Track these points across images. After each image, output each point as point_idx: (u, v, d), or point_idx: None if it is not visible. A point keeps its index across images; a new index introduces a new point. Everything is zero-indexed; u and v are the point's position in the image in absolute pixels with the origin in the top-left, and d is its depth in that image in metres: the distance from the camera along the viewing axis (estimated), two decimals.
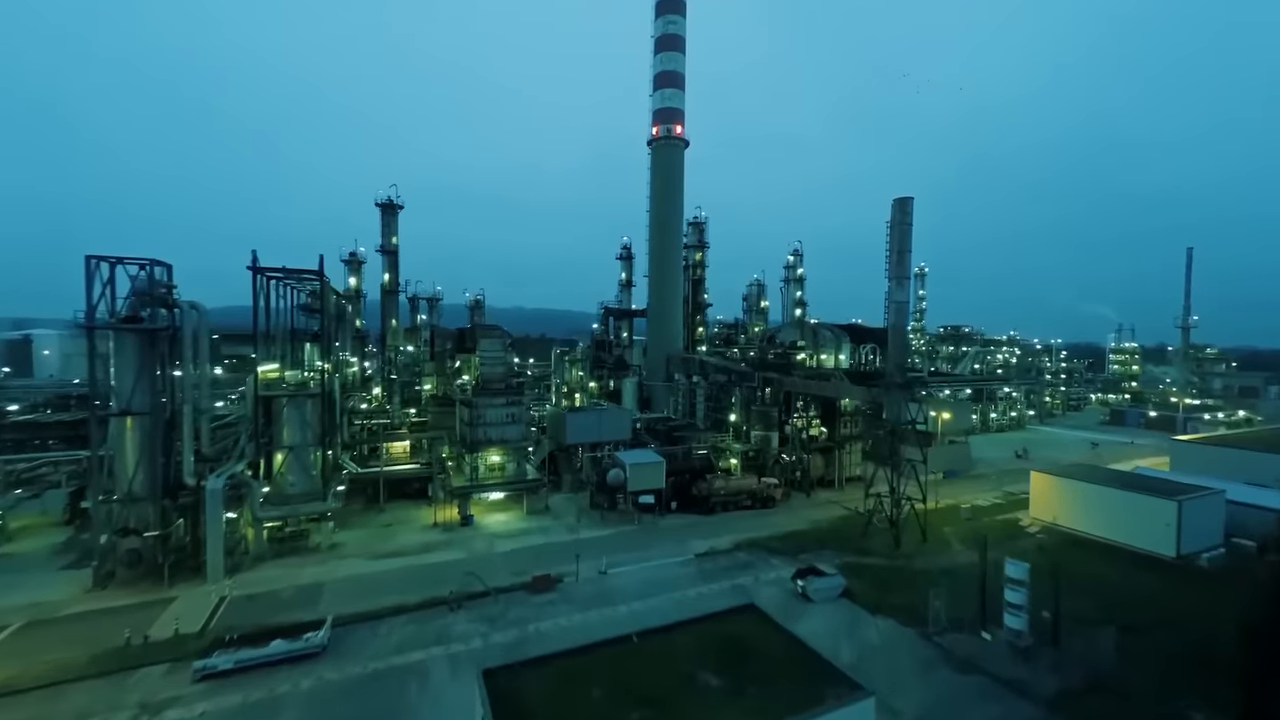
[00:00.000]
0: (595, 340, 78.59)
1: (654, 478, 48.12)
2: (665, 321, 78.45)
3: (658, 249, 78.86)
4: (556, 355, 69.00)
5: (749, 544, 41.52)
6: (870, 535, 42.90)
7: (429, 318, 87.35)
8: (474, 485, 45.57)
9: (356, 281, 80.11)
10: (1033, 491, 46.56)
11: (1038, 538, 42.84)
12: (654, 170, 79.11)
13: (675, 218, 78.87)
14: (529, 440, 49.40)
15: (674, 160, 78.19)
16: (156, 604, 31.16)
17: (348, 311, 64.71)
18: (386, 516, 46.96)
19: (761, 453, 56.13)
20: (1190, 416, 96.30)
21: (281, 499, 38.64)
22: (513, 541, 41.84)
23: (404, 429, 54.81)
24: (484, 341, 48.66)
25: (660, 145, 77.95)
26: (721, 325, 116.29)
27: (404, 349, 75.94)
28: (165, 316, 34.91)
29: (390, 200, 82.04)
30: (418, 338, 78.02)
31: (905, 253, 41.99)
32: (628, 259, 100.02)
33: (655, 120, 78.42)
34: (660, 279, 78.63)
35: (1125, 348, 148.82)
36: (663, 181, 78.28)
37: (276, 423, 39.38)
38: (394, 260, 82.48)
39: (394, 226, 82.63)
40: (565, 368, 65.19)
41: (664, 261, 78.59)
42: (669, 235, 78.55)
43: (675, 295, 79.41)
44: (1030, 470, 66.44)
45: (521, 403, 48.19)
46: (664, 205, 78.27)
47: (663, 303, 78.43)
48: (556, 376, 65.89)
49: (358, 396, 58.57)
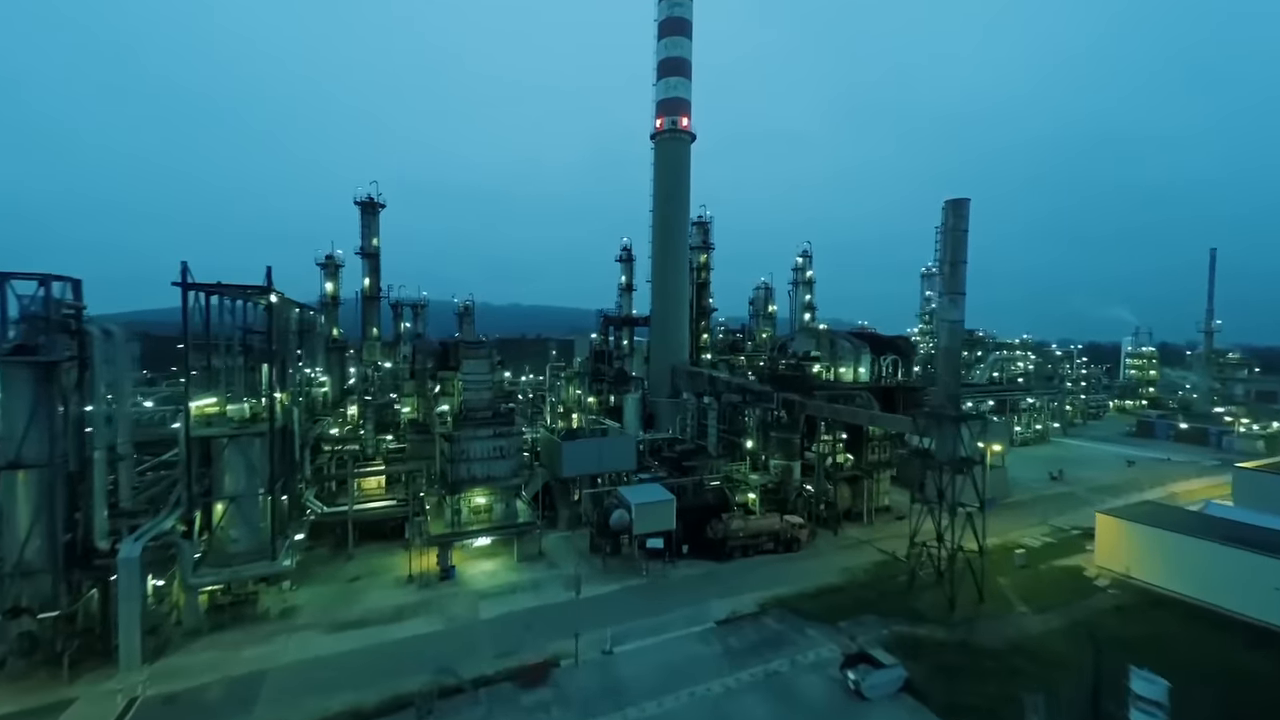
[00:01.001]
0: (594, 351, 72.32)
1: (663, 518, 42.00)
2: (670, 331, 72.19)
3: (661, 252, 72.53)
4: (551, 371, 62.54)
5: (776, 604, 35.47)
6: (916, 590, 36.96)
7: (413, 325, 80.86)
8: (455, 533, 39.29)
9: (334, 287, 73.58)
10: (1099, 536, 40.63)
11: (1109, 593, 36.98)
12: (658, 166, 72.71)
13: (680, 218, 72.55)
14: (520, 477, 43.07)
15: (679, 156, 71.83)
16: (47, 710, 24.83)
17: (318, 323, 58.22)
18: (355, 566, 40.64)
19: (782, 485, 49.97)
20: (1225, 430, 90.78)
21: (222, 559, 32.30)
22: (500, 603, 35.60)
23: (379, 459, 48.43)
24: (467, 363, 42.31)
25: (664, 139, 71.54)
26: (726, 331, 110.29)
27: (381, 365, 69.33)
28: (69, 344, 28.44)
29: (371, 199, 75.46)
30: (396, 353, 71.50)
31: (960, 264, 35.89)
32: (628, 261, 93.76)
33: (659, 111, 71.98)
34: (664, 284, 72.34)
35: (1143, 351, 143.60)
36: (667, 179, 71.91)
37: (216, 468, 33.00)
38: (375, 264, 75.92)
39: (375, 227, 76.04)
40: (561, 385, 58.82)
41: (668, 266, 72.28)
42: (674, 238, 72.22)
43: (681, 302, 73.15)
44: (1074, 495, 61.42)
45: (511, 434, 41.89)
46: (668, 205, 71.91)
47: (667, 310, 72.16)
48: (552, 395, 59.56)
49: (328, 421, 52.13)
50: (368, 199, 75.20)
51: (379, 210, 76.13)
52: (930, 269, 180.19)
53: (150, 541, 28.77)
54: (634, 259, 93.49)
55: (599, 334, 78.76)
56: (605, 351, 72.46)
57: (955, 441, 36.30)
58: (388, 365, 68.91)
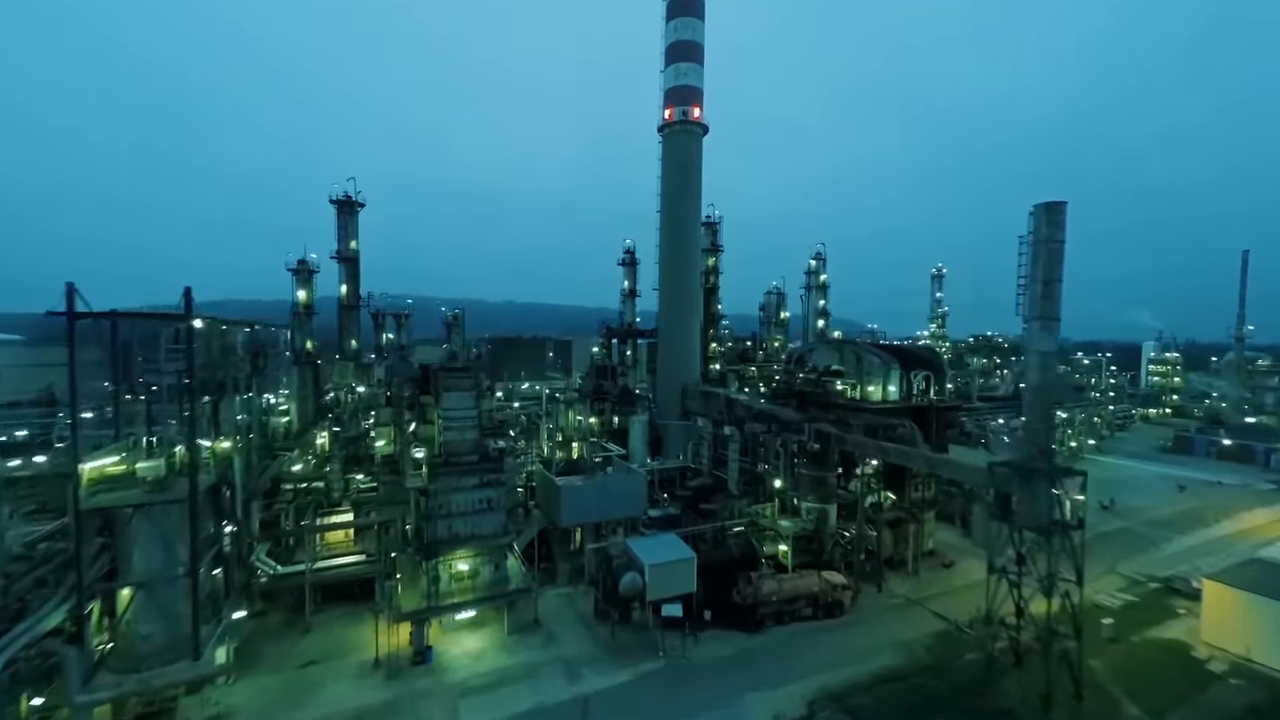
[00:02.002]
0: (595, 366, 65.30)
1: (682, 580, 35.23)
2: (680, 344, 65.24)
3: (670, 257, 65.54)
4: (548, 396, 55.44)
5: (827, 700, 28.80)
6: (994, 678, 30.32)
7: (397, 336, 73.70)
8: (432, 608, 32.33)
9: (307, 295, 66.25)
10: (1208, 606, 33.96)
11: (1232, 684, 30.36)
12: (666, 162, 65.65)
13: (691, 219, 65.53)
14: (510, 534, 36.05)
15: (690, 150, 64.77)
16: None
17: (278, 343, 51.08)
18: (312, 643, 33.67)
19: (817, 531, 43.10)
20: (1273, 448, 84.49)
21: (129, 663, 25.28)
22: (486, 701, 28.73)
23: (346, 504, 41.32)
24: (448, 396, 35.26)
25: (674, 132, 64.45)
26: (735, 339, 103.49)
27: (355, 389, 62.13)
28: None
29: (348, 197, 68.13)
30: (370, 376, 64.30)
31: (1054, 283, 29.09)
32: (631, 265, 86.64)
33: (668, 101, 64.89)
34: (674, 293, 65.37)
35: (1167, 358, 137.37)
36: (676, 175, 64.87)
37: (122, 543, 25.91)
38: (353, 269, 68.63)
39: (353, 228, 68.72)
40: (559, 410, 51.85)
41: (679, 272, 65.29)
42: (684, 241, 65.22)
43: (692, 313, 66.18)
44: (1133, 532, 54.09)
45: (501, 481, 34.92)
46: (678, 204, 64.89)
47: (677, 322, 65.20)
48: (549, 421, 52.59)
49: (289, 457, 44.99)
50: (344, 197, 67.87)
51: (358, 210, 68.86)
52: (941, 269, 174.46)
53: (22, 651, 21.79)
54: (638, 263, 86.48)
55: (600, 347, 71.84)
56: (607, 366, 65.51)
57: (1048, 502, 29.55)
58: (361, 389, 61.65)
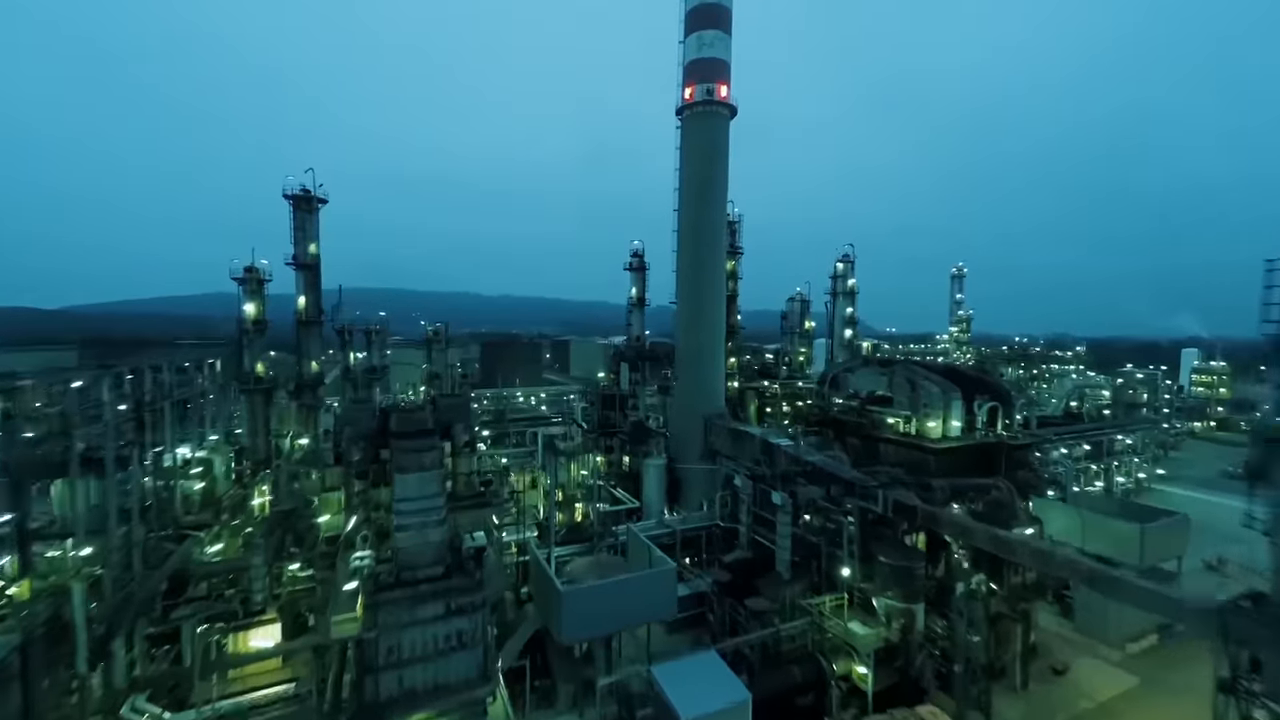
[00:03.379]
0: (601, 394, 54.76)
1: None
2: (701, 368, 54.67)
3: (692, 265, 54.88)
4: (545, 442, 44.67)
5: None
6: None
7: (369, 356, 62.83)
8: None
9: (256, 308, 55.40)
10: None
11: None
12: (686, 151, 54.86)
13: (716, 220, 54.84)
14: (491, 679, 25.46)
15: (715, 136, 53.99)
16: None
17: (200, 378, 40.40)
18: None
19: (904, 640, 32.64)
20: None
21: None
22: None
23: (273, 609, 30.68)
24: (402, 480, 24.63)
25: (696, 115, 53.63)
26: (754, 351, 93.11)
27: (298, 443, 51.31)
28: None
29: (306, 191, 57.26)
30: (315, 425, 53.45)
31: None
32: (639, 270, 75.84)
33: (688, 77, 54.04)
34: (694, 307, 54.78)
35: (1213, 367, 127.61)
36: (698, 167, 54.13)
37: None
38: (313, 277, 57.79)
39: (312, 229, 57.79)
40: (558, 466, 41.23)
41: (701, 283, 54.66)
42: (708, 246, 54.55)
43: (716, 331, 55.56)
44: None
45: (477, 605, 24.40)
46: (701, 201, 54.21)
47: (698, 341, 54.63)
48: (546, 474, 42.09)
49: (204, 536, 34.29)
50: (301, 192, 56.97)
51: (318, 206, 57.93)
52: (961, 269, 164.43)
53: None
54: (647, 267, 75.75)
55: (608, 371, 61.32)
56: (616, 396, 54.92)
57: None
58: (303, 442, 50.91)
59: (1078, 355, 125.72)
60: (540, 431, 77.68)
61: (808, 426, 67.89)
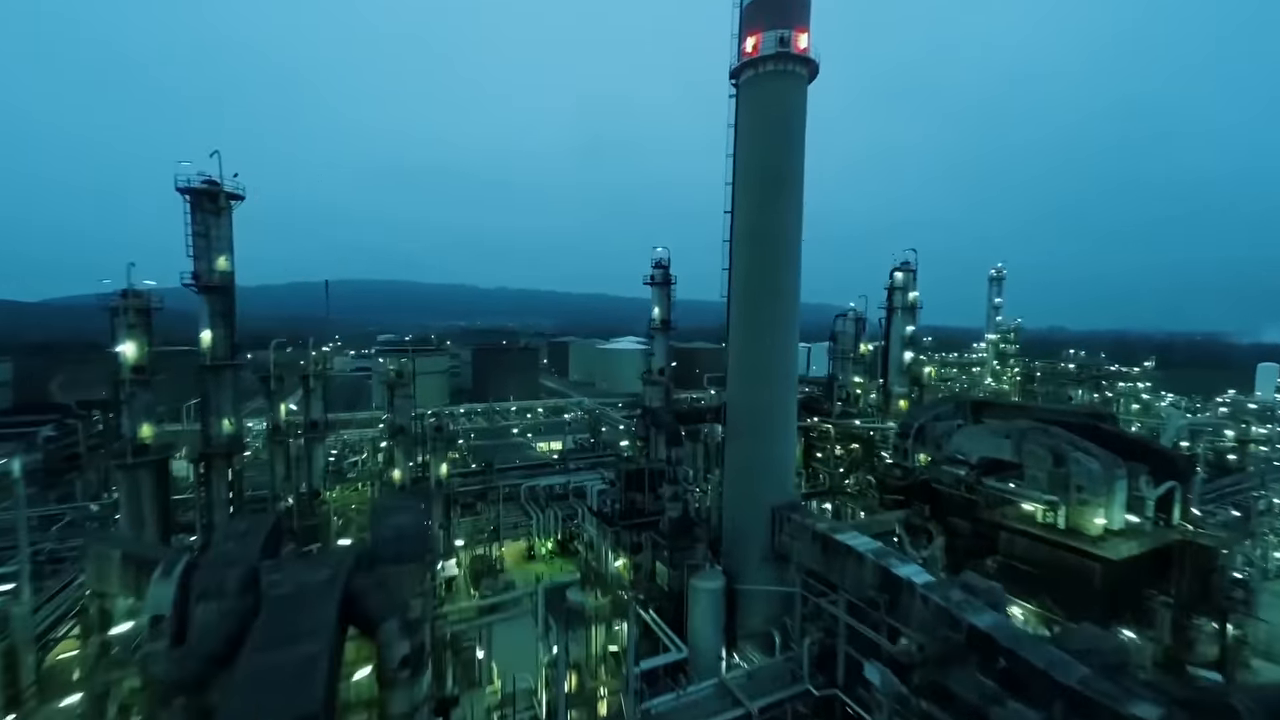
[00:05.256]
0: (625, 474, 38.80)
1: None
2: (767, 438, 38.67)
3: (750, 290, 38.80)
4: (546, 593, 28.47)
5: None
6: None
7: (307, 408, 46.62)
8: None
9: (138, 350, 39.34)
10: None
11: None
12: (745, 130, 38.65)
13: (786, 229, 38.65)
14: None
15: (788, 107, 37.79)
16: None
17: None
18: None
19: None
20: None
21: None
22: None
23: None
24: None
25: (762, 76, 37.43)
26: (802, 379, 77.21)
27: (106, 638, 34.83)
28: None
29: (212, 184, 41.13)
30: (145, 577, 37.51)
31: None
32: (663, 285, 59.98)
33: (749, 23, 37.72)
34: (756, 350, 38.78)
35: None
36: (764, 152, 38.01)
37: None
38: (224, 302, 41.74)
39: (223, 236, 41.74)
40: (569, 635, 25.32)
41: (764, 315, 38.64)
42: (774, 264, 38.40)
43: (785, 384, 39.49)
44: None
45: None
46: (766, 202, 38.07)
47: (761, 399, 38.58)
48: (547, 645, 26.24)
49: None
50: (204, 184, 40.79)
51: (231, 206, 41.80)
52: (1001, 270, 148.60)
53: None
54: (673, 281, 59.84)
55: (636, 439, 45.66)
56: (645, 473, 39.11)
57: None
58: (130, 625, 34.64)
59: (1146, 371, 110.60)
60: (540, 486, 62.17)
61: (885, 492, 52.65)
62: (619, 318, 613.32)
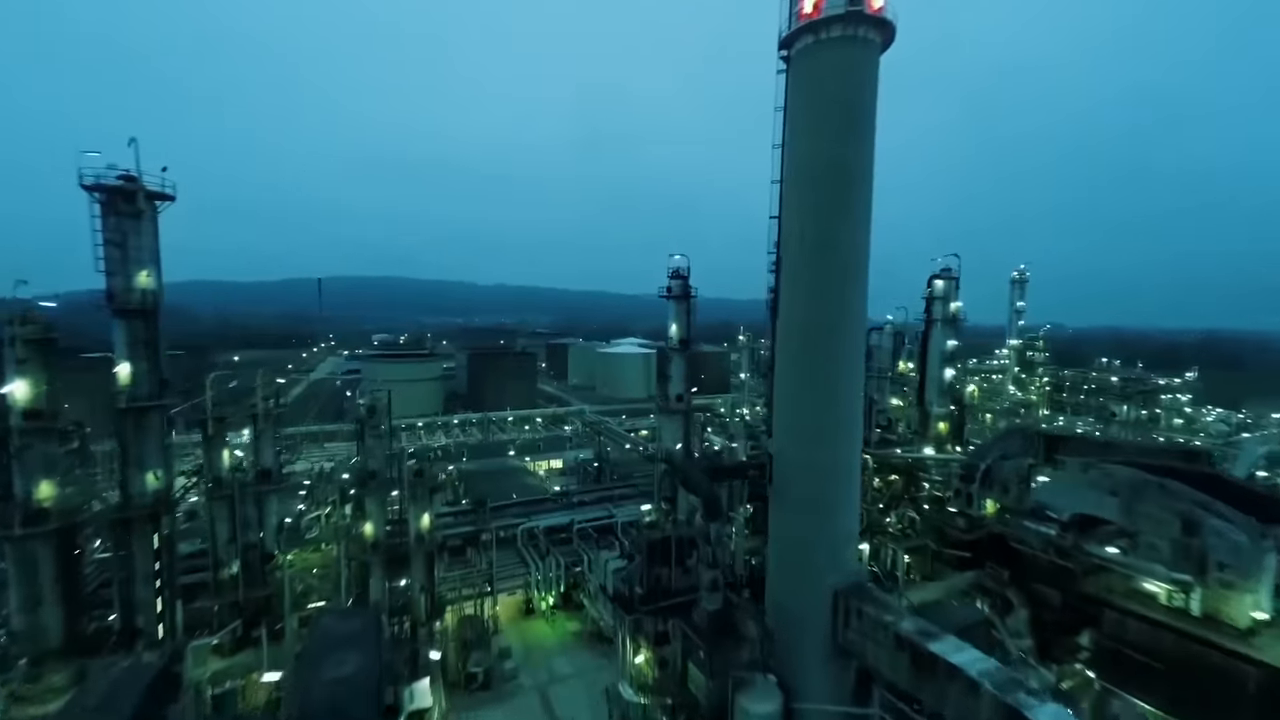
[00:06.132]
0: (647, 543, 30.68)
1: None
2: (826, 504, 30.75)
3: (808, 316, 30.76)
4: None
5: None
6: None
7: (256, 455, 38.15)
8: None
9: (32, 389, 31.08)
10: None
11: None
12: (800, 112, 30.51)
13: (855, 232, 30.51)
14: None
15: (857, 83, 29.60)
16: None
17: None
18: None
19: None
20: None
21: None
22: None
23: None
24: None
25: (824, 45, 29.25)
26: None
27: None
28: None
29: (130, 180, 32.89)
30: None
31: None
32: (683, 298, 51.90)
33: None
34: (814, 396, 30.72)
35: None
36: (825, 141, 29.77)
37: None
38: (146, 328, 33.51)
39: (145, 245, 33.48)
40: None
41: (821, 347, 30.59)
42: (838, 281, 30.28)
43: (850, 437, 31.55)
44: None
45: None
46: (830, 203, 30.06)
47: (820, 458, 30.48)
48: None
49: None
50: (121, 181, 32.53)
51: (153, 208, 33.56)
52: (1024, 273, 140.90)
53: None
54: (693, 295, 51.81)
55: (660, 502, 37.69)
56: (672, 543, 31.17)
57: None
58: None
59: (1187, 384, 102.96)
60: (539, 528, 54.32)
61: (946, 545, 44.86)
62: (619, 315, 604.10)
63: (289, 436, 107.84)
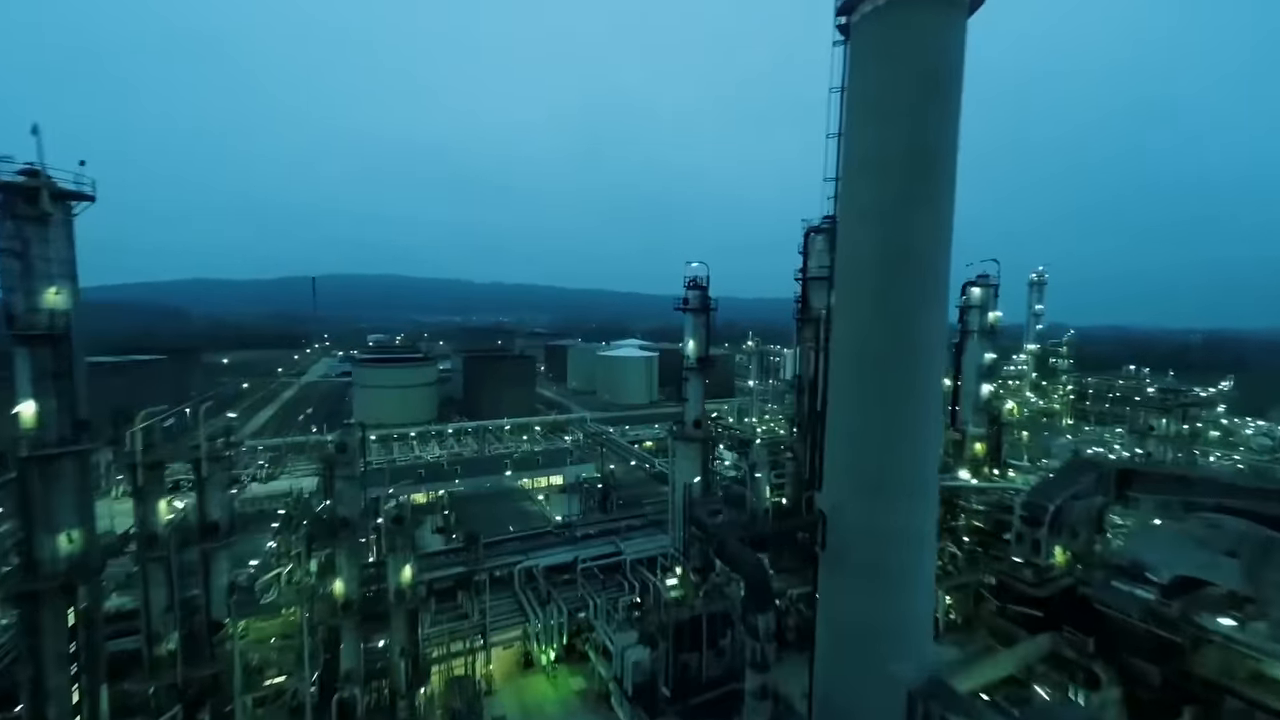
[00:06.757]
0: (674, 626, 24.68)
1: None
2: (899, 577, 24.61)
3: (874, 340, 24.77)
4: None
5: None
6: None
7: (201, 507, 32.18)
8: None
9: None
10: None
11: None
12: (869, 90, 24.48)
13: (936, 235, 24.47)
14: None
15: (940, 48, 23.53)
16: None
17: None
18: None
19: None
20: None
21: None
22: None
23: None
24: None
25: (895, 7, 23.17)
26: None
27: None
28: None
29: (32, 175, 26.64)
30: None
31: None
32: (701, 312, 45.79)
33: None
34: (878, 444, 24.69)
35: None
36: (905, 122, 23.65)
37: None
38: (58, 356, 27.28)
39: (56, 255, 27.26)
40: None
41: (890, 382, 24.57)
42: (916, 297, 24.21)
43: (927, 497, 25.53)
44: None
45: None
46: (904, 197, 23.90)
47: (894, 521, 24.45)
48: None
49: None
50: (23, 174, 26.32)
51: (64, 210, 27.37)
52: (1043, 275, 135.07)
53: None
54: (714, 307, 45.72)
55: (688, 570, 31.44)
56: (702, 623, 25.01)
57: None
58: None
59: (1223, 393, 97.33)
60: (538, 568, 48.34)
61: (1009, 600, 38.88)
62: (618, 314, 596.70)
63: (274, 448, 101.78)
